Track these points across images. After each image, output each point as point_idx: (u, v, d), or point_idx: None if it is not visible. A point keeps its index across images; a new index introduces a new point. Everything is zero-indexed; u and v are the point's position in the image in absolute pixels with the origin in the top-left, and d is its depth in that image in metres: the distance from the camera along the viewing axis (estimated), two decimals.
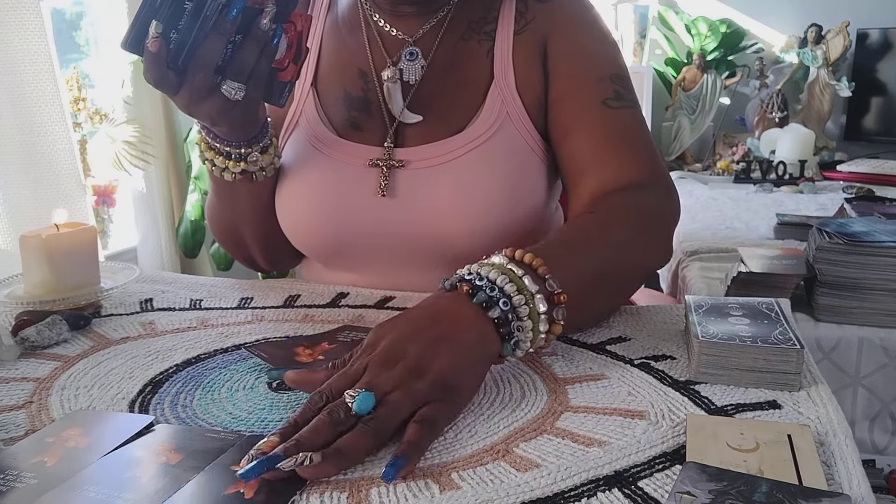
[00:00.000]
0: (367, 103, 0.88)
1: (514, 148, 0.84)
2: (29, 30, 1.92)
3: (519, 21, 0.87)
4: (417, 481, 0.47)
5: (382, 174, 0.84)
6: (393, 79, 0.86)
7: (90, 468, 0.48)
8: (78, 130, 2.26)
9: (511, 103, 0.85)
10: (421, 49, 0.88)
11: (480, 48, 0.87)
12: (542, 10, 0.87)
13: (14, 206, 1.93)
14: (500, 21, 0.87)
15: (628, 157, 0.81)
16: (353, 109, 0.88)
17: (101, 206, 2.38)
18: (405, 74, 0.87)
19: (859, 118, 2.79)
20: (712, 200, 2.24)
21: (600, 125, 0.82)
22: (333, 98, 0.90)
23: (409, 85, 0.87)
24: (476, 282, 0.59)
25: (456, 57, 0.87)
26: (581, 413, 0.56)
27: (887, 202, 1.86)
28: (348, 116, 0.88)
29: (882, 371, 1.18)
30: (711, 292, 1.36)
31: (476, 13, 0.88)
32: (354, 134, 0.87)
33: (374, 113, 0.88)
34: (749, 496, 0.43)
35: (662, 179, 0.82)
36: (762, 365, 0.59)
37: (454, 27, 0.88)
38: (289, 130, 0.91)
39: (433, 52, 0.87)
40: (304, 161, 0.87)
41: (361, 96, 0.88)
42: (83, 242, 0.84)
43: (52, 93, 1.97)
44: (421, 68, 0.87)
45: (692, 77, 2.83)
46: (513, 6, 0.87)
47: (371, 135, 0.87)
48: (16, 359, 0.69)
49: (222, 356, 0.69)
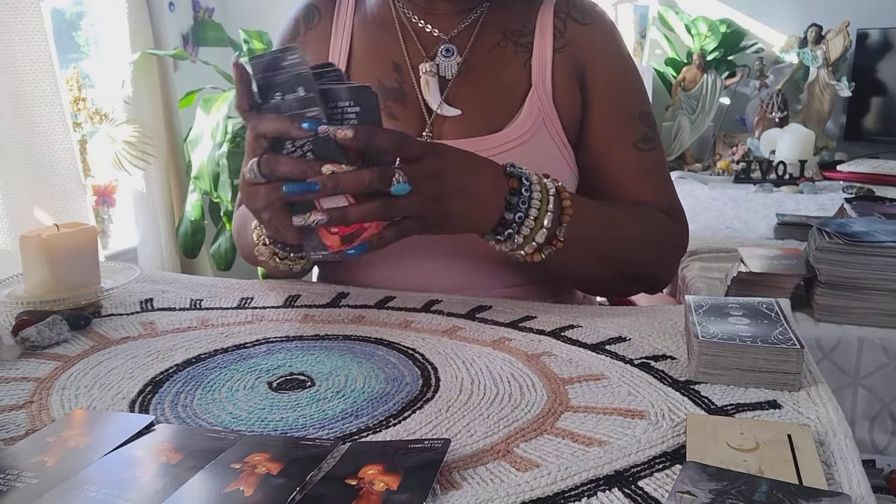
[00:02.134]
0: (402, 94, 0.90)
1: (548, 154, 0.88)
2: (29, 30, 1.92)
3: (558, 39, 0.90)
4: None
5: None
6: (431, 72, 0.89)
7: (90, 468, 0.48)
8: (78, 130, 2.26)
9: (547, 113, 0.88)
10: (456, 46, 0.90)
11: (517, 58, 0.90)
12: (582, 33, 0.91)
13: (14, 206, 1.93)
14: (536, 34, 0.91)
15: (657, 194, 0.91)
16: (388, 100, 0.89)
17: (101, 206, 2.38)
18: (441, 69, 0.90)
19: (859, 118, 2.78)
20: (712, 200, 2.24)
21: (631, 166, 0.90)
22: None
23: (446, 80, 0.90)
24: (522, 189, 0.73)
25: (492, 61, 0.90)
26: (581, 413, 0.56)
27: (887, 202, 1.86)
28: (383, 107, 0.89)
29: (882, 371, 1.18)
30: (711, 292, 1.35)
31: (511, 23, 0.92)
32: (390, 124, 0.88)
33: (411, 104, 0.89)
34: (749, 496, 0.43)
35: (683, 217, 0.92)
36: (762, 365, 0.59)
37: (489, 32, 0.91)
38: None
39: (468, 51, 0.90)
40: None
41: (396, 87, 0.90)
42: (83, 242, 0.84)
43: (52, 93, 1.97)
44: (457, 64, 0.90)
45: (692, 77, 2.83)
46: (549, 21, 0.91)
47: (406, 125, 0.88)
48: (16, 359, 0.69)
49: (222, 356, 0.69)
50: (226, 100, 2.34)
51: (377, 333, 0.74)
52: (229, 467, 0.48)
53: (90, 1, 2.48)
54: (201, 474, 0.47)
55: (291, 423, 0.56)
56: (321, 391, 0.61)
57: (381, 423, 0.56)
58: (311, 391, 0.61)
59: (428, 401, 0.59)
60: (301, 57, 0.64)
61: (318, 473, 0.48)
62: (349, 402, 0.59)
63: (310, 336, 0.74)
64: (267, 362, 0.67)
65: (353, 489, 0.45)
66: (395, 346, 0.71)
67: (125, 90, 2.39)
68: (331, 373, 0.65)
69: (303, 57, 0.64)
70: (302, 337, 0.74)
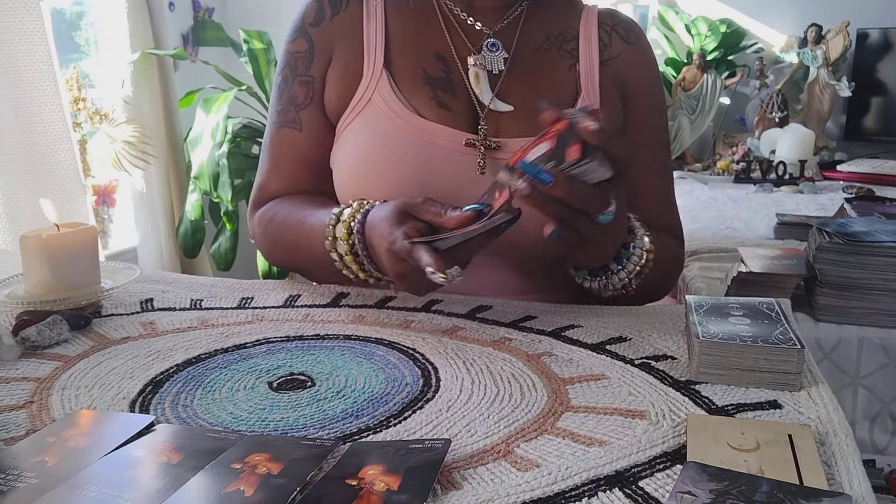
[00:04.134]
0: (451, 85, 0.88)
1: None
2: (29, 30, 1.92)
3: (604, 52, 0.92)
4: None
5: (480, 154, 0.84)
6: (479, 65, 0.88)
7: (91, 468, 0.48)
8: (78, 130, 2.26)
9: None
10: (501, 43, 0.90)
11: (562, 62, 0.91)
12: (627, 50, 0.93)
13: (14, 206, 1.93)
14: (581, 41, 0.92)
15: (672, 220, 0.97)
16: (437, 90, 0.88)
17: (101, 206, 2.38)
18: (488, 64, 0.89)
19: (859, 118, 2.78)
20: (712, 200, 2.24)
21: (654, 194, 0.94)
22: (411, 78, 0.88)
23: (492, 74, 0.89)
24: (632, 244, 0.80)
25: (538, 61, 0.90)
26: (581, 413, 0.56)
27: (887, 202, 1.86)
28: (433, 96, 0.87)
29: (882, 371, 1.18)
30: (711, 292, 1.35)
31: (553, 27, 0.92)
32: (441, 114, 0.86)
33: (461, 95, 0.88)
34: (750, 496, 0.43)
35: (682, 236, 0.98)
36: (763, 365, 0.59)
37: (533, 32, 0.91)
38: (357, 109, 0.88)
39: (514, 48, 0.90)
40: (385, 139, 0.85)
41: (444, 77, 0.88)
42: (83, 242, 0.84)
43: (52, 93, 1.97)
44: (503, 60, 0.89)
45: (692, 77, 2.83)
46: (594, 31, 0.92)
47: (459, 118, 0.87)
48: (16, 359, 0.69)
49: (223, 356, 0.69)
50: (226, 100, 2.34)
51: (377, 333, 0.74)
52: (230, 467, 0.48)
53: (90, 1, 2.48)
54: (202, 474, 0.47)
55: (292, 423, 0.56)
56: (321, 391, 0.61)
57: (382, 423, 0.56)
58: (312, 391, 0.61)
59: (428, 401, 0.59)
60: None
61: (319, 473, 0.48)
62: (349, 402, 0.59)
63: (310, 336, 0.74)
64: (267, 362, 0.67)
65: (354, 489, 0.45)
66: (396, 346, 0.71)
67: (125, 90, 2.39)
68: (331, 373, 0.65)
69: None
70: (302, 337, 0.74)
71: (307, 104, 0.91)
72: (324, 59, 0.91)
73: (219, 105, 2.34)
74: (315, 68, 0.91)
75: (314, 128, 0.92)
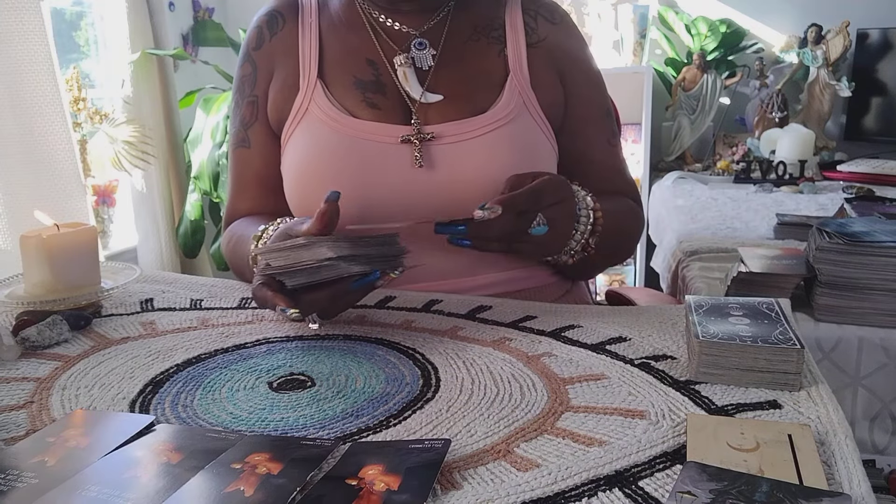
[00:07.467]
0: (381, 86, 0.92)
1: (532, 134, 0.92)
2: (29, 30, 1.92)
3: (531, 35, 0.96)
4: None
5: (416, 147, 0.87)
6: (406, 63, 0.91)
7: (91, 468, 0.48)
8: (78, 130, 2.26)
9: (527, 97, 0.93)
10: (429, 41, 0.93)
11: (490, 49, 0.95)
12: (553, 31, 0.98)
13: (14, 206, 1.92)
14: (507, 28, 0.95)
15: (628, 185, 1.02)
16: (367, 92, 0.91)
17: (101, 206, 2.38)
18: (416, 61, 0.93)
19: (859, 118, 2.78)
20: (712, 200, 2.24)
21: (608, 161, 1.00)
22: (343, 85, 0.92)
23: (422, 71, 0.92)
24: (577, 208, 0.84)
25: (466, 53, 0.94)
26: (581, 413, 0.56)
27: (887, 202, 1.86)
28: (364, 98, 0.91)
29: (882, 371, 1.18)
30: (711, 292, 1.35)
31: (480, 20, 0.97)
32: (372, 113, 0.90)
33: (390, 94, 0.91)
34: (749, 496, 0.43)
35: (640, 199, 1.04)
36: (762, 365, 0.59)
37: (459, 28, 0.95)
38: (296, 119, 0.92)
39: (442, 45, 0.93)
40: (325, 143, 0.89)
41: (374, 80, 0.92)
42: (83, 242, 0.84)
43: (52, 93, 1.97)
44: (432, 56, 0.93)
45: (692, 77, 2.83)
46: (519, 18, 0.96)
47: (389, 114, 0.90)
48: (16, 359, 0.69)
49: (223, 356, 0.69)
50: (225, 100, 2.34)
51: (377, 333, 0.74)
52: (230, 467, 0.48)
53: (90, 1, 2.48)
54: (202, 474, 0.47)
55: (292, 423, 0.56)
56: (321, 391, 0.61)
57: (382, 423, 0.56)
58: (312, 391, 0.61)
59: (428, 401, 0.59)
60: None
61: (319, 473, 0.48)
62: (349, 402, 0.59)
63: (310, 336, 0.74)
64: (267, 362, 0.67)
65: (354, 489, 0.45)
66: (396, 346, 0.71)
67: (125, 90, 2.39)
68: (331, 373, 0.65)
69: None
70: (302, 337, 0.74)
71: (253, 122, 0.96)
72: (266, 78, 0.96)
73: (219, 105, 2.34)
74: (259, 87, 0.96)
75: (261, 143, 0.96)
